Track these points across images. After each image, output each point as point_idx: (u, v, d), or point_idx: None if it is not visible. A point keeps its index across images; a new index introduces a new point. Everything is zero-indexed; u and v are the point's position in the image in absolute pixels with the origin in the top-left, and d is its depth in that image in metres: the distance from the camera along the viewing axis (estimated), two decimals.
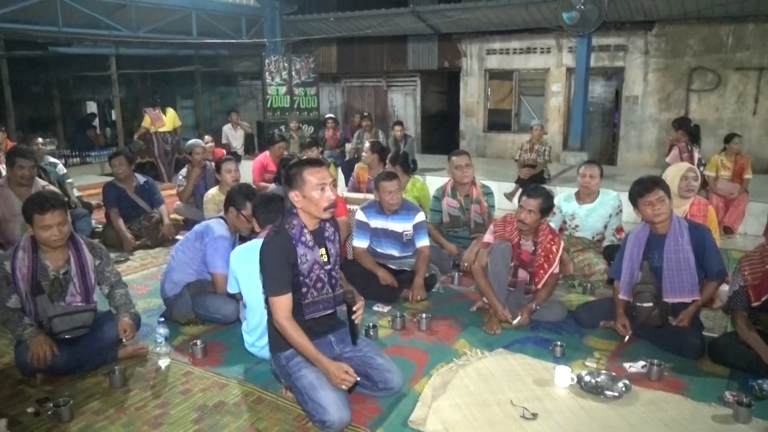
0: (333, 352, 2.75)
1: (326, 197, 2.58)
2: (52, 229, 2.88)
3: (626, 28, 9.93)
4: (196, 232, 3.73)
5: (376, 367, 2.75)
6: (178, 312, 3.66)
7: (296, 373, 2.59)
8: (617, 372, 2.98)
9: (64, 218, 2.94)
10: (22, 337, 2.90)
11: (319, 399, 2.47)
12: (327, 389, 2.50)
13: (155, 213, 5.67)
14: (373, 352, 2.84)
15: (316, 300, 2.67)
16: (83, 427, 2.58)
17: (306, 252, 2.60)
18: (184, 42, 10.98)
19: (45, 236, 2.89)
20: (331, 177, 2.66)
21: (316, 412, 2.47)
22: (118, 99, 11.40)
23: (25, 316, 2.95)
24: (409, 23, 11.05)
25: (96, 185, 7.96)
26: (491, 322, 3.58)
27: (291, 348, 2.63)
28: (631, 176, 8.20)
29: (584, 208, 4.59)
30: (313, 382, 2.52)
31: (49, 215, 2.86)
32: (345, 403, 2.51)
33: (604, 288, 4.25)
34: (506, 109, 11.78)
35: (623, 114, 10.39)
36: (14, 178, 4.58)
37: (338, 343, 2.82)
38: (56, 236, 2.90)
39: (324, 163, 2.69)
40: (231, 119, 10.14)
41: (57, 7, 8.74)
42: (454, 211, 4.79)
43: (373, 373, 2.75)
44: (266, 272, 2.58)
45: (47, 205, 2.87)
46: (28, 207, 2.90)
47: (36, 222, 2.88)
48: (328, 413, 2.43)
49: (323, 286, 2.68)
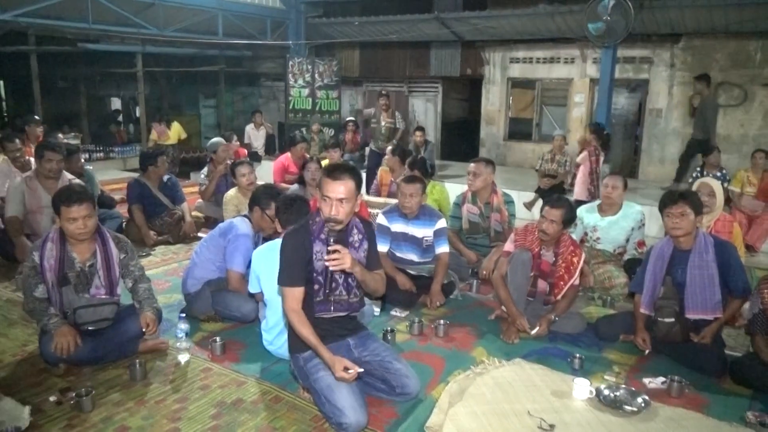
0: (351, 355, 2.74)
1: (326, 211, 2.55)
2: (78, 222, 2.93)
3: (652, 40, 9.85)
4: (220, 229, 3.77)
5: (393, 372, 2.76)
6: (198, 308, 3.70)
7: (314, 375, 2.60)
8: (637, 387, 2.96)
9: (91, 212, 2.99)
10: (47, 327, 2.95)
11: (336, 401, 2.47)
12: (345, 392, 2.50)
13: (177, 210, 5.74)
14: (392, 356, 2.84)
15: (327, 300, 2.67)
16: (104, 418, 2.62)
17: (322, 249, 2.58)
18: (210, 42, 11.09)
19: (71, 228, 2.94)
20: (342, 194, 2.52)
21: (333, 414, 2.48)
22: (143, 96, 11.55)
23: (50, 307, 3.00)
24: (433, 29, 11.06)
25: (118, 180, 8.08)
26: (509, 331, 3.57)
27: (310, 349, 2.64)
28: (653, 190, 8.18)
29: (606, 221, 4.56)
30: (331, 384, 2.53)
31: (76, 208, 2.92)
32: (362, 406, 2.52)
33: (624, 301, 4.22)
34: (527, 118, 11.73)
35: (646, 127, 10.30)
36: (42, 171, 4.66)
37: (357, 347, 2.82)
38: (81, 229, 2.95)
39: (340, 179, 2.54)
40: (254, 120, 10.22)
41: (87, 5, 8.88)
42: (474, 218, 4.79)
43: (391, 378, 2.75)
44: (281, 263, 2.62)
45: (75, 197, 2.93)
46: (57, 199, 2.97)
47: (63, 214, 2.93)
48: (345, 416, 2.44)
49: (337, 287, 2.68)
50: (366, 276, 2.66)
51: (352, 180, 2.58)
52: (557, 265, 3.66)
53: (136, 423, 2.59)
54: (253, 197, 3.81)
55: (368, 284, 2.70)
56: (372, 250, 2.79)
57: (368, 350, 2.81)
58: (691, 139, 8.27)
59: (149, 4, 9.63)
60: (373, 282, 2.73)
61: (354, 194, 2.59)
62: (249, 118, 11.07)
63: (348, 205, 2.57)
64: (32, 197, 4.62)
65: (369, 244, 2.77)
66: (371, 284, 2.71)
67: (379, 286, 2.78)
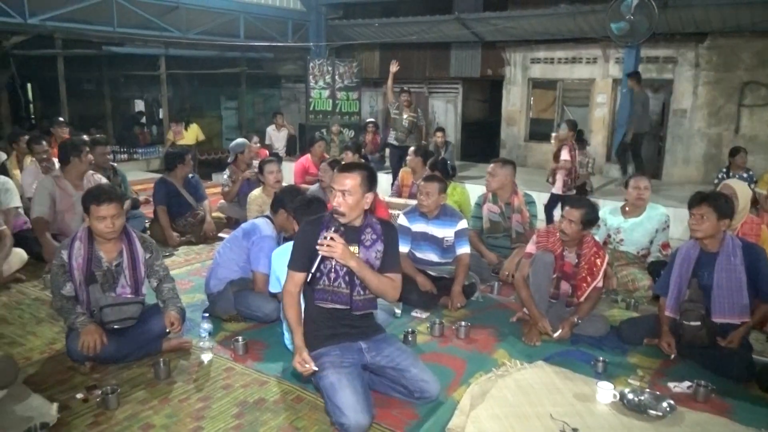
0: (363, 359, 2.73)
1: (333, 202, 2.65)
2: (107, 221, 2.99)
3: (676, 39, 9.71)
4: (244, 230, 3.80)
5: (410, 378, 2.73)
6: (221, 308, 3.74)
7: (320, 373, 2.60)
8: (661, 391, 2.91)
9: (119, 211, 3.04)
10: (74, 326, 3.00)
11: (336, 401, 2.46)
12: (347, 392, 2.48)
13: (200, 210, 5.80)
14: (408, 361, 2.78)
15: (326, 289, 2.68)
16: (129, 416, 2.66)
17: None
18: (232, 44, 11.21)
19: (100, 227, 3.00)
20: (344, 186, 2.60)
21: (334, 413, 2.47)
22: (166, 98, 11.70)
23: (78, 305, 3.05)
24: (453, 30, 11.04)
25: (142, 181, 8.20)
26: (531, 333, 3.54)
27: (322, 347, 2.67)
28: (677, 191, 8.06)
29: (630, 222, 4.51)
30: (334, 383, 2.51)
31: (105, 207, 2.97)
32: (364, 407, 2.47)
33: (648, 304, 4.16)
34: (549, 118, 11.65)
35: (670, 127, 10.16)
36: (72, 171, 4.71)
37: (370, 350, 2.78)
38: (109, 228, 3.00)
39: (347, 171, 2.67)
40: (276, 122, 10.31)
41: (113, 9, 9.05)
42: (495, 217, 4.78)
43: (408, 383, 2.74)
44: (292, 249, 2.71)
45: (104, 197, 2.98)
46: (87, 198, 3.03)
47: (92, 213, 2.99)
48: (345, 416, 2.42)
49: (336, 278, 2.67)
50: (367, 275, 2.62)
51: (360, 175, 2.62)
52: (580, 267, 3.62)
53: (161, 421, 2.63)
54: (278, 199, 3.84)
55: (370, 284, 2.66)
56: (389, 253, 2.76)
57: (382, 355, 2.77)
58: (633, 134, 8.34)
59: (173, 8, 9.78)
60: (378, 284, 2.67)
61: (359, 189, 2.61)
62: (270, 120, 11.15)
63: (351, 198, 2.60)
64: (63, 197, 4.69)
65: (385, 246, 2.75)
66: (374, 285, 2.66)
67: (386, 289, 2.71)
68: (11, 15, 8.08)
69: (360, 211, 2.68)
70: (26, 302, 4.05)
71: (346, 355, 2.67)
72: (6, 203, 4.71)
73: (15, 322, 3.71)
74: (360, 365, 2.71)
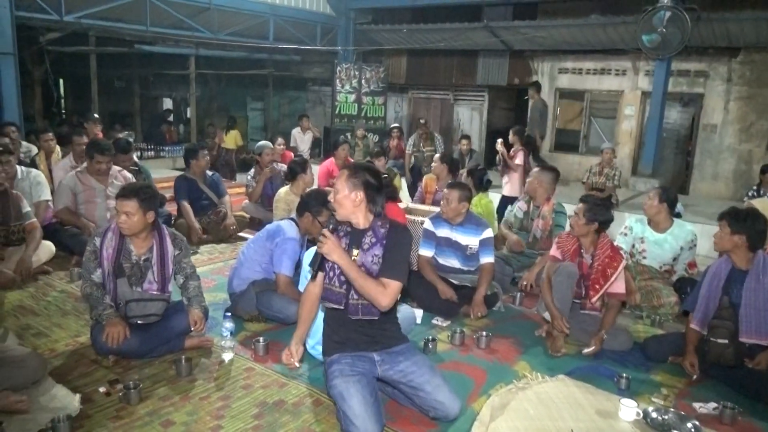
0: (374, 371, 2.67)
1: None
2: (122, 216, 3.07)
3: (709, 53, 9.57)
4: (268, 231, 3.82)
5: (423, 398, 2.65)
6: (242, 308, 3.76)
7: (330, 381, 2.59)
8: (686, 411, 2.85)
9: (135, 210, 3.06)
10: (101, 317, 3.05)
11: (346, 409, 2.44)
12: (355, 401, 2.45)
13: (222, 207, 5.84)
14: (422, 379, 2.64)
15: (326, 287, 2.70)
16: (150, 411, 2.68)
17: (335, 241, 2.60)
18: (260, 46, 11.31)
19: (118, 220, 3.11)
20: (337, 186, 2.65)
21: (344, 422, 2.46)
22: (194, 97, 11.84)
23: (106, 295, 3.11)
24: (481, 38, 11.01)
25: (168, 179, 8.28)
26: (556, 342, 3.50)
27: (335, 354, 2.67)
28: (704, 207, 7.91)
29: (655, 236, 4.43)
30: (343, 392, 2.49)
31: (120, 201, 3.07)
32: (373, 416, 2.43)
33: (674, 322, 4.09)
34: (575, 129, 11.55)
35: (699, 142, 10.01)
36: (91, 170, 4.82)
37: (383, 363, 2.70)
38: (122, 223, 3.07)
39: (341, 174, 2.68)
40: (302, 124, 10.37)
41: (146, 8, 9.19)
42: (520, 213, 4.95)
43: (421, 404, 2.66)
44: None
45: (123, 192, 3.12)
46: (118, 193, 3.19)
47: (116, 205, 3.13)
48: (354, 425, 2.39)
49: (333, 277, 2.66)
50: (352, 274, 2.54)
51: (353, 177, 2.60)
52: (593, 267, 3.65)
53: (181, 418, 2.64)
54: (304, 203, 3.85)
55: (355, 284, 2.57)
56: (387, 259, 2.63)
57: (395, 369, 2.69)
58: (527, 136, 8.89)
59: (204, 8, 9.90)
60: (364, 285, 2.53)
61: (352, 189, 2.58)
62: (295, 122, 11.23)
63: (340, 196, 2.59)
64: (85, 191, 4.81)
65: (385, 251, 2.63)
66: (358, 285, 2.55)
67: (373, 294, 2.54)
68: (48, 12, 8.26)
69: (355, 213, 2.63)
70: (53, 294, 4.12)
71: (357, 363, 2.64)
72: (37, 196, 4.82)
73: (42, 314, 3.77)
74: (371, 375, 2.66)
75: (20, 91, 7.67)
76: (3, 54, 7.32)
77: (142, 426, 2.57)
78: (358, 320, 2.68)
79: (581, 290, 3.71)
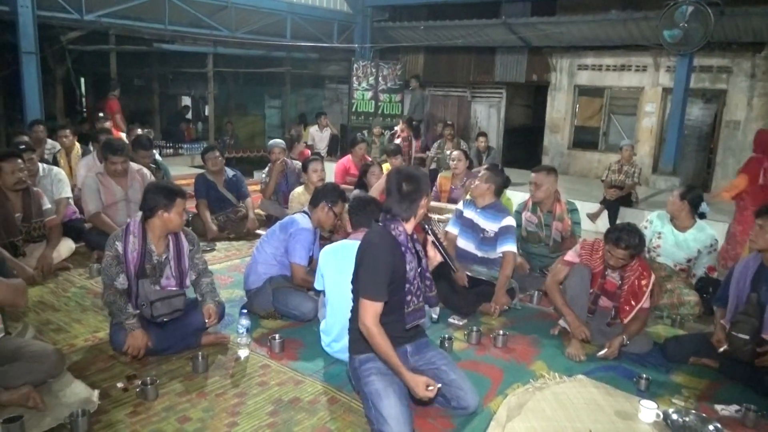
0: (407, 363, 2.69)
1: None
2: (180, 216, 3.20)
3: (732, 49, 9.39)
4: (281, 224, 3.86)
5: (448, 383, 2.68)
6: (259, 305, 3.77)
7: (365, 378, 2.58)
8: (708, 413, 2.80)
9: (183, 208, 3.22)
10: (123, 326, 3.05)
11: (381, 409, 2.44)
12: (392, 401, 2.45)
13: (242, 207, 5.88)
14: (447, 366, 2.76)
15: (417, 308, 2.68)
16: (167, 407, 2.69)
17: (412, 259, 2.61)
18: (278, 44, 11.35)
19: (178, 221, 3.18)
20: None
21: (377, 421, 2.45)
22: (212, 95, 11.92)
23: (129, 304, 3.10)
24: (499, 35, 10.92)
25: (187, 176, 8.34)
26: (574, 347, 3.43)
27: (370, 352, 2.63)
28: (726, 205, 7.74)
29: (675, 233, 4.34)
30: (380, 390, 2.49)
31: (181, 200, 3.17)
32: (407, 418, 2.44)
33: (695, 322, 4.01)
34: (594, 126, 11.42)
35: (722, 139, 9.83)
36: (108, 171, 4.79)
37: (414, 354, 2.78)
38: (178, 220, 3.17)
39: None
40: (319, 122, 10.39)
41: (165, 6, 9.27)
42: (531, 227, 4.67)
43: (446, 390, 2.68)
44: (367, 274, 2.54)
45: (183, 193, 3.22)
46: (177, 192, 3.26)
47: (178, 206, 3.17)
48: (388, 425, 2.39)
49: (421, 294, 2.70)
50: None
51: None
52: (622, 288, 3.50)
53: (197, 414, 2.65)
54: (320, 192, 3.88)
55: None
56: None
57: (424, 359, 2.77)
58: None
59: (222, 7, 9.96)
60: None
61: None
62: (313, 120, 11.25)
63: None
64: (107, 193, 4.77)
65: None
66: None
67: None
68: (69, 11, 8.36)
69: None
70: (72, 290, 4.17)
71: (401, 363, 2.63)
72: (58, 193, 4.87)
73: (61, 309, 3.82)
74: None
75: (42, 90, 7.77)
76: (26, 53, 7.43)
77: (158, 421, 2.58)
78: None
79: (596, 306, 3.58)
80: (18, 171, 4.18)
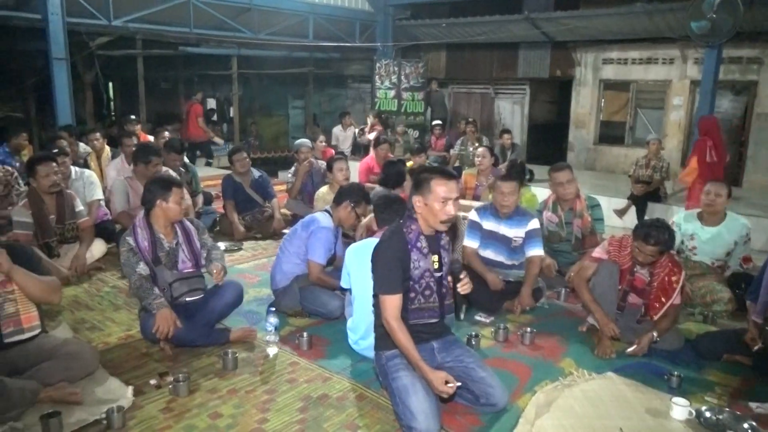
0: (434, 361, 2.71)
1: (446, 211, 2.55)
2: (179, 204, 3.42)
3: (762, 39, 9.16)
4: (303, 223, 3.91)
5: (477, 381, 2.69)
6: (286, 304, 3.81)
7: (393, 374, 2.60)
8: (741, 411, 2.75)
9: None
10: (150, 307, 3.16)
11: (410, 404, 2.45)
12: (420, 396, 2.47)
13: (268, 207, 5.95)
14: (476, 363, 2.76)
15: (422, 307, 2.68)
16: (199, 404, 2.75)
17: (419, 258, 2.62)
18: (300, 44, 11.42)
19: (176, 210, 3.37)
20: (457, 192, 2.59)
21: (405, 416, 2.46)
22: (237, 97, 12.04)
23: (155, 286, 3.24)
24: (522, 30, 10.82)
25: (213, 177, 8.46)
26: (603, 345, 3.39)
27: (395, 348, 2.64)
28: (758, 199, 7.60)
29: (706, 230, 4.26)
30: (408, 386, 2.51)
31: (177, 189, 3.42)
32: (435, 413, 2.45)
33: (728, 319, 3.94)
34: (620, 121, 11.26)
35: (753, 132, 9.60)
36: (139, 174, 4.88)
37: (441, 351, 2.78)
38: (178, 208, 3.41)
39: (454, 176, 2.65)
40: (343, 121, 10.42)
41: (190, 10, 9.39)
42: (552, 227, 4.62)
43: (474, 387, 2.68)
44: (378, 271, 2.62)
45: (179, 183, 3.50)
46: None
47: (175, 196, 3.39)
48: (416, 420, 2.40)
49: (431, 294, 2.68)
50: None
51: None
52: (651, 285, 3.45)
53: (228, 411, 2.70)
54: (344, 192, 3.91)
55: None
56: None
57: (452, 356, 2.77)
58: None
59: (245, 9, 10.06)
60: None
61: None
62: (336, 119, 11.29)
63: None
64: (135, 196, 4.87)
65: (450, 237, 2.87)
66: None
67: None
68: (98, 17, 8.53)
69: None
70: (105, 290, 4.27)
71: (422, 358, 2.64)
72: (90, 196, 4.99)
73: (95, 308, 3.92)
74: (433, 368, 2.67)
75: (72, 95, 7.94)
76: (56, 59, 7.59)
77: (191, 417, 2.64)
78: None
79: (625, 303, 3.53)
80: (52, 174, 4.30)
